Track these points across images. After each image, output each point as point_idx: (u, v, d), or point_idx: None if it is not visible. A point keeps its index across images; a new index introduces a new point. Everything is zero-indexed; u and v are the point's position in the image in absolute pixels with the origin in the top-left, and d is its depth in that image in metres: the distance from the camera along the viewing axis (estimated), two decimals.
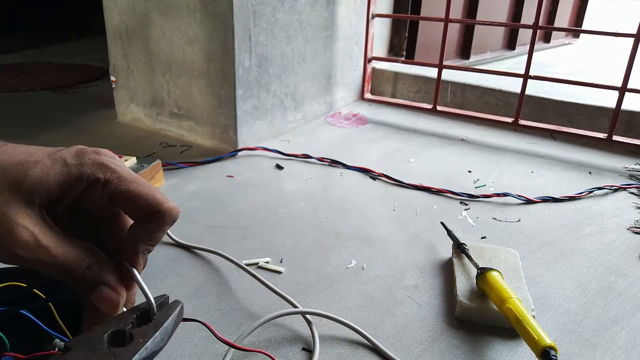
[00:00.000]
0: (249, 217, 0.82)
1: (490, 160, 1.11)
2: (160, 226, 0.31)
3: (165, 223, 0.31)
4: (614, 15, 4.16)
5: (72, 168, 0.29)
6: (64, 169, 0.28)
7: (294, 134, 1.22)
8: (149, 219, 0.30)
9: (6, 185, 0.27)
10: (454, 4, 1.54)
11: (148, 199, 0.30)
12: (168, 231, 0.74)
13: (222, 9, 0.99)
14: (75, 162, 0.29)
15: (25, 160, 0.28)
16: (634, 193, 0.96)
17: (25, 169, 0.27)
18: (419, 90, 1.52)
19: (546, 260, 0.73)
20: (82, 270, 0.29)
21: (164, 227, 0.31)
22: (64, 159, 0.29)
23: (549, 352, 0.49)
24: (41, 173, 0.28)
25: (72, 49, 2.26)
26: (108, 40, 1.22)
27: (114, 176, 0.30)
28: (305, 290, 0.64)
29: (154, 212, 0.30)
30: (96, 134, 1.19)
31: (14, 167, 0.27)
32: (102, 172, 0.29)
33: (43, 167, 0.28)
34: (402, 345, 0.55)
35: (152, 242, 0.31)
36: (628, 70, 1.11)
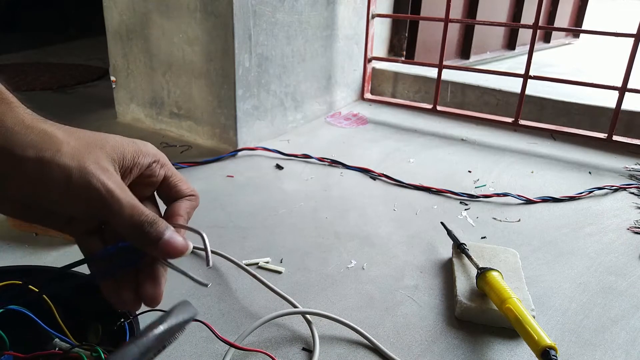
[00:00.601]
0: (249, 217, 0.82)
1: (490, 160, 1.11)
2: (194, 205, 0.38)
3: (198, 203, 0.39)
4: (614, 15, 4.16)
5: (141, 146, 0.34)
6: (135, 146, 0.34)
7: (294, 134, 1.22)
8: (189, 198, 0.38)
9: (94, 145, 0.31)
10: (454, 4, 1.54)
11: (189, 185, 0.38)
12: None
13: (222, 9, 0.99)
14: (142, 142, 0.35)
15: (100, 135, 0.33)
16: (634, 193, 0.97)
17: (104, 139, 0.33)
18: (419, 90, 1.53)
19: (546, 260, 0.73)
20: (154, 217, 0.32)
21: (196, 206, 0.39)
22: (132, 140, 0.34)
23: (549, 352, 0.49)
24: (118, 143, 0.33)
25: (72, 49, 2.26)
26: (108, 40, 1.22)
27: (168, 162, 0.37)
28: (305, 290, 0.64)
29: (193, 194, 0.38)
30: None
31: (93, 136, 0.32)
32: (161, 156, 0.36)
33: (117, 140, 0.33)
34: (402, 345, 0.55)
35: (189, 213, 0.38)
36: (628, 70, 1.11)
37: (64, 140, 0.30)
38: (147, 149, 0.35)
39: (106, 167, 0.31)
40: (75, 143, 0.31)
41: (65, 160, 0.29)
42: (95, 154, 0.31)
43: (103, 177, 0.30)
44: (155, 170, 0.35)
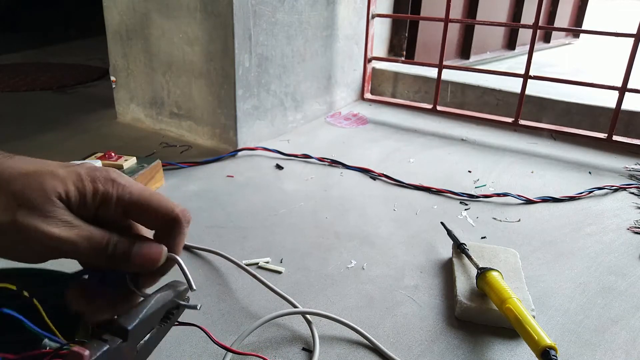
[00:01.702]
0: (249, 217, 0.82)
1: (490, 160, 1.11)
2: (179, 231, 0.32)
3: (182, 227, 0.32)
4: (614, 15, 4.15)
5: (86, 183, 0.30)
6: (80, 183, 0.30)
7: (294, 134, 1.22)
8: (166, 228, 0.32)
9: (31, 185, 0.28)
10: (454, 4, 1.55)
11: (160, 209, 0.32)
12: None
13: (222, 9, 0.99)
14: (88, 178, 0.30)
15: (40, 169, 0.29)
16: (634, 193, 0.96)
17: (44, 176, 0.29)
18: (419, 90, 1.52)
19: (546, 260, 0.73)
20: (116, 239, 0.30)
21: (182, 231, 0.32)
22: (77, 173, 0.30)
23: (549, 352, 0.49)
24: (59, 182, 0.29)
25: (72, 49, 2.26)
26: (108, 40, 1.22)
27: (126, 190, 0.31)
28: (305, 290, 0.64)
29: (169, 219, 0.32)
30: (96, 134, 1.19)
31: (32, 173, 0.29)
32: (113, 188, 0.31)
33: (60, 177, 0.29)
34: (402, 345, 0.55)
35: (177, 248, 0.33)
36: (628, 70, 1.11)
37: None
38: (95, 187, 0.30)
39: (45, 210, 0.28)
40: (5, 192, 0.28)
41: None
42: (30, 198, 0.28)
43: (41, 224, 0.28)
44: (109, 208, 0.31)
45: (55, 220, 0.28)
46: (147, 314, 0.30)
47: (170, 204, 0.32)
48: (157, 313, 0.31)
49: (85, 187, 0.30)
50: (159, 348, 0.53)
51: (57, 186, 0.29)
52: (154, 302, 0.31)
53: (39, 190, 0.28)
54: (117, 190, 0.31)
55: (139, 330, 0.30)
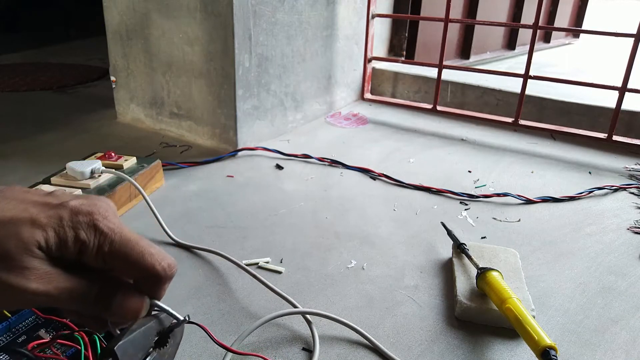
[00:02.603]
0: (249, 217, 0.82)
1: (490, 160, 1.11)
2: (158, 288, 0.32)
3: (162, 283, 0.31)
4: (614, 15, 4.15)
5: (67, 230, 0.29)
6: (60, 229, 0.28)
7: (294, 134, 1.22)
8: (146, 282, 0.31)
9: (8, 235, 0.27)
10: (454, 4, 1.54)
11: (140, 263, 0.30)
12: (168, 231, 0.74)
13: (222, 9, 0.99)
14: (70, 223, 0.29)
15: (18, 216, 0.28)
16: (634, 193, 0.96)
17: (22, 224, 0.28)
18: (419, 90, 1.53)
19: (546, 260, 0.73)
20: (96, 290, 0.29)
21: (162, 287, 0.32)
22: (60, 217, 0.29)
23: (549, 352, 0.49)
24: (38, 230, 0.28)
25: (72, 49, 2.26)
26: (108, 40, 1.22)
27: (107, 240, 0.29)
28: (305, 290, 0.64)
29: (149, 275, 0.31)
30: (96, 134, 1.19)
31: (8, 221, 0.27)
32: (95, 237, 0.29)
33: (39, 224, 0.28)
34: (402, 345, 0.55)
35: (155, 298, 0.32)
36: (628, 70, 1.11)
37: None
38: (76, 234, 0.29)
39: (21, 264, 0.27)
40: None
41: None
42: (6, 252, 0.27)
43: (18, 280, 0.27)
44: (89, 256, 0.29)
45: (33, 274, 0.27)
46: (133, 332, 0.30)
47: (153, 259, 0.30)
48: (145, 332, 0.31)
49: (67, 233, 0.28)
50: None
51: (36, 234, 0.28)
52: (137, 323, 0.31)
53: (16, 241, 0.27)
54: (98, 240, 0.29)
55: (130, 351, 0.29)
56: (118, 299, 0.30)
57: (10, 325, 0.48)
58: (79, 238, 0.29)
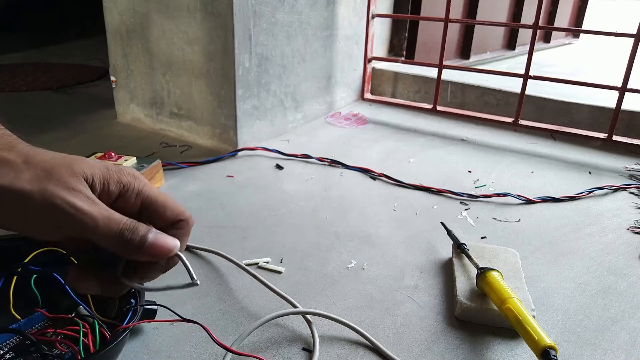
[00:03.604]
0: (249, 217, 0.82)
1: (490, 160, 1.11)
2: (187, 232, 0.35)
3: (189, 229, 0.35)
4: (614, 15, 4.15)
5: (112, 172, 0.33)
6: (106, 171, 0.33)
7: (294, 134, 1.22)
8: (177, 226, 0.35)
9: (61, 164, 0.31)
10: (454, 4, 1.54)
11: (174, 209, 0.35)
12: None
13: (222, 9, 0.99)
14: (115, 169, 0.33)
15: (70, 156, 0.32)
16: (634, 193, 0.96)
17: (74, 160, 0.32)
18: (419, 90, 1.52)
19: (546, 260, 0.73)
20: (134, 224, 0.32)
21: (189, 232, 0.35)
22: (105, 164, 0.33)
23: (549, 352, 0.49)
24: (87, 165, 0.32)
25: (72, 49, 2.26)
26: (108, 40, 1.22)
27: (147, 187, 0.34)
28: (305, 290, 0.64)
29: (180, 219, 0.35)
30: (96, 134, 1.19)
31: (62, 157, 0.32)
32: (137, 182, 0.34)
33: (88, 162, 0.32)
34: (402, 345, 0.55)
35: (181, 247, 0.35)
36: (628, 70, 1.11)
37: (22, 167, 0.30)
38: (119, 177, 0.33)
39: (72, 185, 0.30)
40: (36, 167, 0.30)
41: (24, 185, 0.29)
42: (59, 174, 0.30)
43: (67, 195, 0.30)
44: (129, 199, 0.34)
45: (81, 195, 0.30)
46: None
47: (181, 208, 0.35)
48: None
49: (111, 175, 0.32)
50: (159, 348, 0.54)
51: (85, 168, 0.31)
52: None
53: (67, 169, 0.31)
54: (139, 185, 0.33)
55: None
56: (153, 236, 0.32)
57: (20, 327, 0.48)
58: (122, 181, 0.33)
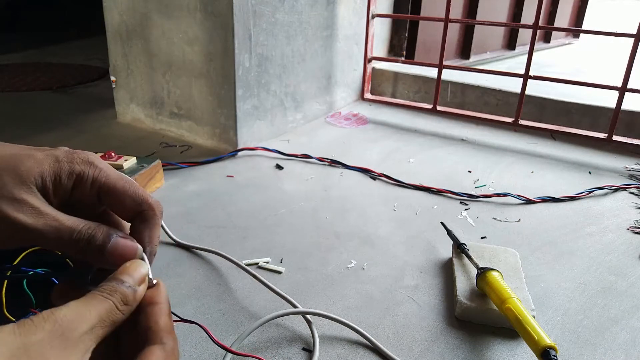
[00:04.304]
0: (249, 217, 0.82)
1: (490, 160, 1.11)
2: (155, 222, 0.32)
3: (157, 216, 0.32)
4: (614, 15, 4.15)
5: (63, 164, 0.30)
6: (56, 164, 0.30)
7: (294, 134, 1.22)
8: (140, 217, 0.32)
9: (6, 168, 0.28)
10: (454, 4, 1.54)
11: (135, 196, 0.31)
12: (168, 231, 0.74)
13: (222, 9, 0.99)
14: (66, 159, 0.30)
15: (18, 152, 0.29)
16: (634, 193, 0.96)
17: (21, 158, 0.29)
18: (419, 90, 1.52)
19: (546, 260, 0.73)
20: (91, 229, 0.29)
21: (157, 221, 0.32)
22: (55, 155, 0.30)
23: (549, 352, 0.49)
24: (35, 163, 0.29)
25: (72, 49, 2.26)
26: (108, 40, 1.22)
27: (102, 174, 0.31)
28: (305, 290, 0.64)
29: (143, 208, 0.31)
30: (96, 134, 1.19)
31: (9, 157, 0.29)
32: (91, 169, 0.30)
33: (36, 159, 0.29)
34: (402, 345, 0.55)
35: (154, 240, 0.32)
36: (628, 70, 1.11)
37: None
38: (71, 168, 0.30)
39: (16, 195, 0.28)
40: None
41: None
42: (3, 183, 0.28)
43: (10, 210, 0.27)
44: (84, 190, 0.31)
45: (25, 207, 0.28)
46: None
47: (144, 194, 0.32)
48: None
49: (62, 167, 0.30)
50: None
51: (33, 168, 0.29)
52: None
53: (12, 174, 0.28)
54: (94, 172, 0.30)
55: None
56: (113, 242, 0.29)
57: None
58: (74, 170, 0.30)
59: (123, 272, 0.28)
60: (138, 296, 0.28)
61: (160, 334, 0.27)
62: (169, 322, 0.28)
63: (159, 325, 0.27)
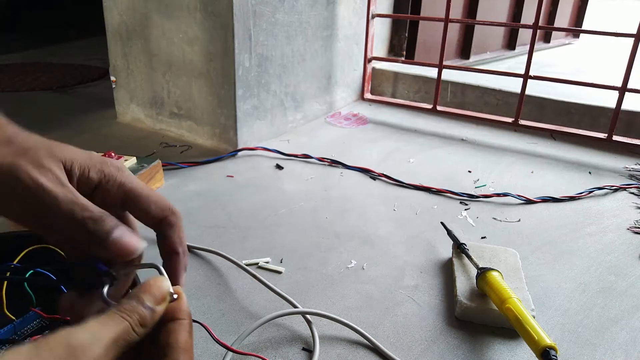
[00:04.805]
0: (249, 217, 0.82)
1: (490, 160, 1.11)
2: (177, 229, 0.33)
3: (180, 225, 0.33)
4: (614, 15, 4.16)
5: (95, 160, 0.31)
6: (88, 159, 0.31)
7: (294, 134, 1.22)
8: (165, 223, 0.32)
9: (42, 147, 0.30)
10: (454, 4, 1.54)
11: (160, 204, 0.32)
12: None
13: (222, 9, 0.99)
14: (98, 159, 0.32)
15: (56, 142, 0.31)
16: (634, 193, 0.96)
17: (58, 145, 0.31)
18: (419, 90, 1.52)
19: (546, 260, 0.73)
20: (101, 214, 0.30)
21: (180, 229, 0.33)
22: (89, 153, 0.32)
23: (549, 352, 0.49)
24: (69, 151, 0.31)
25: (72, 49, 2.26)
26: (108, 40, 1.22)
27: (130, 179, 0.32)
28: (305, 290, 0.64)
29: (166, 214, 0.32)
30: (96, 134, 1.19)
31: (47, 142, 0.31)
32: (120, 174, 0.32)
33: (71, 149, 0.31)
34: (402, 345, 0.55)
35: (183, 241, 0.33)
36: (628, 70, 1.11)
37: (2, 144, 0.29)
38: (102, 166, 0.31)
39: (43, 163, 0.29)
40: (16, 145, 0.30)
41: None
42: (36, 152, 0.29)
43: (34, 172, 0.28)
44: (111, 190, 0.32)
45: (49, 174, 0.29)
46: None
47: (167, 202, 0.33)
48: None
49: (92, 163, 0.31)
50: None
51: (65, 153, 0.30)
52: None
53: (46, 150, 0.30)
54: (122, 177, 0.32)
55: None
56: (118, 232, 0.30)
57: (16, 328, 0.48)
58: (103, 170, 0.31)
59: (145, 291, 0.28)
60: (156, 317, 0.28)
61: (177, 353, 0.27)
62: (188, 341, 0.28)
63: (178, 343, 0.27)
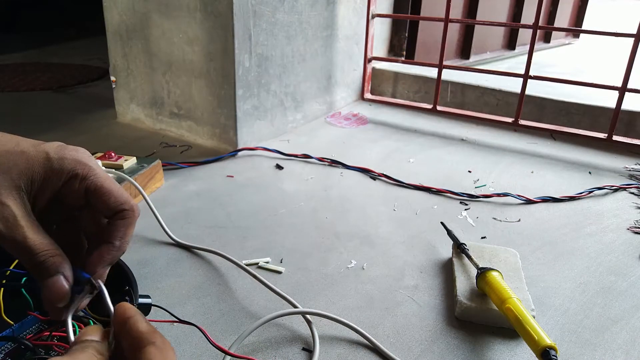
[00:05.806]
0: (249, 217, 0.82)
1: (490, 160, 1.11)
2: (130, 222, 0.34)
3: (134, 219, 0.34)
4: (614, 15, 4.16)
5: (54, 162, 0.31)
6: (47, 163, 0.31)
7: (294, 134, 1.22)
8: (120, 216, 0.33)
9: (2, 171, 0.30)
10: (454, 4, 1.54)
11: (119, 197, 0.33)
12: (168, 231, 0.74)
13: (222, 9, 0.99)
14: (56, 156, 0.32)
15: (12, 149, 0.31)
16: (634, 193, 0.96)
17: (14, 159, 0.31)
18: (419, 90, 1.52)
19: (546, 260, 0.73)
20: (46, 257, 0.31)
21: (133, 223, 0.34)
22: (47, 152, 0.32)
23: (549, 352, 0.49)
24: (27, 163, 0.31)
25: (72, 49, 2.26)
26: (108, 40, 1.22)
27: (91, 173, 0.33)
28: (305, 290, 0.64)
29: (125, 207, 0.33)
30: (96, 134, 1.19)
31: (2, 155, 0.31)
32: (80, 168, 0.32)
33: (29, 158, 0.31)
34: (402, 345, 0.55)
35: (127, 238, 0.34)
36: (628, 70, 1.11)
37: None
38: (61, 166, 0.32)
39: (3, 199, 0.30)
40: None
41: None
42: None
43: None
44: (73, 187, 0.32)
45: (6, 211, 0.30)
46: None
47: (127, 196, 0.34)
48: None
49: (52, 166, 0.31)
50: None
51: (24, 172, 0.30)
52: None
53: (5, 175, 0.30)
54: (83, 171, 0.32)
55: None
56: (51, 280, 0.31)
57: (14, 332, 0.48)
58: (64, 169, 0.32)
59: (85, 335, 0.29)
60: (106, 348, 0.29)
61: (146, 336, 0.28)
62: (148, 326, 0.28)
63: (141, 332, 0.28)
